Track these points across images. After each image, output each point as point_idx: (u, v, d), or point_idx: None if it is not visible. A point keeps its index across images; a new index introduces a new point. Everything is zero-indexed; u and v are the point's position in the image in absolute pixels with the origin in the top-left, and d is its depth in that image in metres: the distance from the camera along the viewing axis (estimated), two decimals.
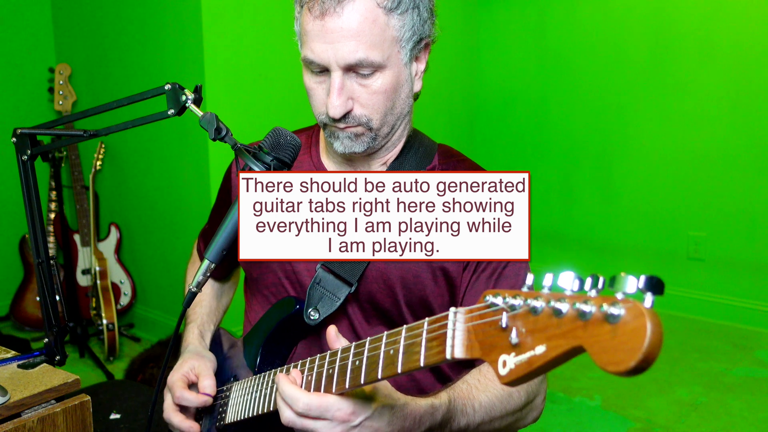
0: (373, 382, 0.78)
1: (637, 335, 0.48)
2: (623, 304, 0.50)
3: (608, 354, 0.50)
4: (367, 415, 0.84)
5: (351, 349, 0.83)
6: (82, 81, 3.45)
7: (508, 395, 1.01)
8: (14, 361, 1.04)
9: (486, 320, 0.63)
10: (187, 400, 1.13)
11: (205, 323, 1.34)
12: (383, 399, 0.87)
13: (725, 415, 2.54)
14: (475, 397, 0.98)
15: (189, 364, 1.19)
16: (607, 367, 0.50)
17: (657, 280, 0.51)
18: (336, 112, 1.01)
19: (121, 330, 3.29)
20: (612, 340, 0.50)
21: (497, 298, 0.62)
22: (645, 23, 3.58)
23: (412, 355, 0.72)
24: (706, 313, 3.52)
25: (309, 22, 1.00)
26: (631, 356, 0.48)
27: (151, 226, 3.31)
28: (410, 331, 0.74)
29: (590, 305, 0.52)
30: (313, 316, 1.10)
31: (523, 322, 0.58)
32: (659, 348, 0.48)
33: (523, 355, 0.57)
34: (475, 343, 0.64)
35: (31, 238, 1.05)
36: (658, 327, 0.48)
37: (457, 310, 0.67)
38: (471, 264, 1.09)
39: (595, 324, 0.51)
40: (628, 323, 0.49)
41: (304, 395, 0.85)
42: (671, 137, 3.56)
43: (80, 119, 1.10)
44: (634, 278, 0.51)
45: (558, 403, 2.65)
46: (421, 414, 0.89)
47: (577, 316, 0.53)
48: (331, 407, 0.83)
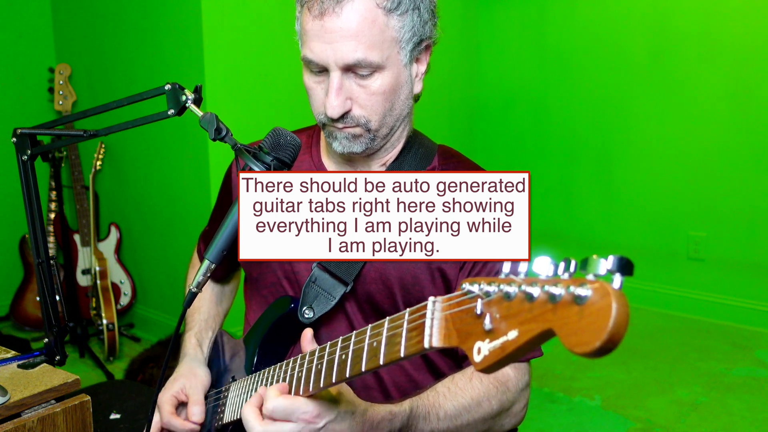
0: (358, 375, 0.78)
1: (602, 315, 0.48)
2: (590, 285, 0.50)
3: (575, 336, 0.49)
4: (330, 418, 0.86)
5: (338, 343, 0.84)
6: (82, 81, 3.45)
7: (477, 404, 1.01)
8: (14, 361, 1.04)
9: (462, 308, 0.63)
10: (174, 426, 1.15)
11: (202, 330, 1.33)
12: (346, 404, 0.89)
13: (725, 415, 2.54)
14: (441, 405, 0.99)
15: (180, 384, 1.19)
16: (574, 348, 0.49)
17: (626, 261, 0.51)
18: (334, 112, 1.01)
19: (121, 330, 3.29)
20: (579, 322, 0.49)
21: (473, 286, 0.62)
22: (645, 23, 3.58)
23: (393, 346, 0.72)
24: (706, 313, 3.52)
25: (308, 21, 1.00)
26: (596, 336, 0.48)
27: (151, 226, 3.31)
28: (392, 323, 0.74)
29: (560, 288, 0.52)
30: (308, 314, 1.10)
31: (497, 308, 0.58)
32: (625, 328, 0.48)
33: (496, 340, 0.57)
34: (452, 331, 0.64)
35: (31, 238, 1.05)
36: (624, 307, 0.48)
37: (435, 299, 0.67)
38: (466, 266, 1.09)
39: (564, 306, 0.51)
40: (595, 304, 0.49)
41: (271, 399, 0.86)
42: (671, 137, 3.56)
43: (80, 119, 1.10)
44: (604, 260, 0.51)
45: (558, 403, 2.65)
46: (379, 420, 0.91)
47: (547, 299, 0.53)
48: (296, 410, 0.85)
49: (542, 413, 2.56)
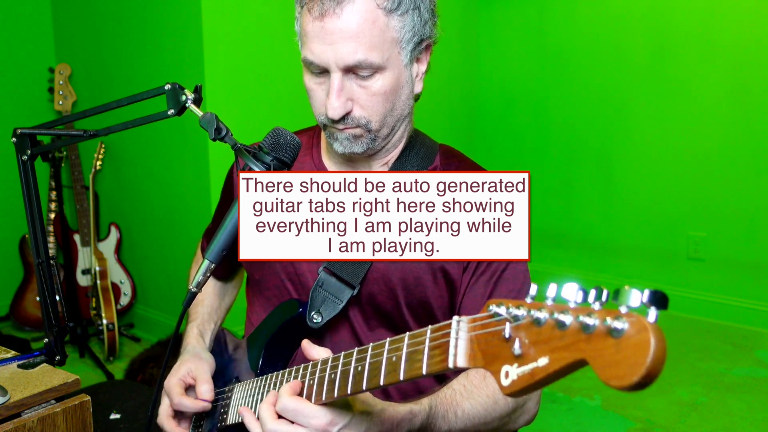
0: (375, 388, 0.77)
1: (640, 350, 0.48)
2: (627, 318, 0.50)
3: (611, 368, 0.49)
4: (344, 423, 0.84)
5: (353, 354, 0.82)
6: (82, 81, 3.45)
7: (494, 402, 1.00)
8: (14, 361, 1.04)
9: (489, 330, 0.62)
10: (185, 406, 1.13)
11: (205, 322, 1.33)
12: (360, 405, 0.87)
13: (725, 415, 2.54)
14: (458, 404, 0.98)
15: (186, 367, 1.19)
16: (610, 381, 0.49)
17: (661, 295, 0.50)
18: (335, 113, 1.01)
19: (121, 330, 3.29)
20: (615, 355, 0.49)
21: (501, 308, 0.61)
22: (645, 23, 3.58)
23: (414, 362, 0.71)
24: (706, 313, 3.52)
25: (309, 22, 1.00)
26: (634, 371, 0.48)
27: (151, 226, 3.31)
28: (413, 339, 0.73)
29: (594, 318, 0.52)
30: (316, 319, 1.10)
31: (527, 333, 0.57)
32: (663, 363, 0.48)
33: (525, 366, 0.56)
34: (477, 353, 0.63)
35: (31, 238, 1.05)
36: (662, 342, 0.48)
37: (460, 318, 0.67)
38: (471, 266, 1.08)
39: (599, 337, 0.51)
40: (632, 338, 0.49)
41: (283, 397, 0.86)
42: (671, 137, 3.56)
43: (80, 119, 1.10)
44: (638, 292, 0.51)
45: (558, 403, 2.65)
46: (399, 419, 0.89)
47: (580, 328, 0.53)
48: (308, 414, 0.84)
49: (542, 413, 2.55)
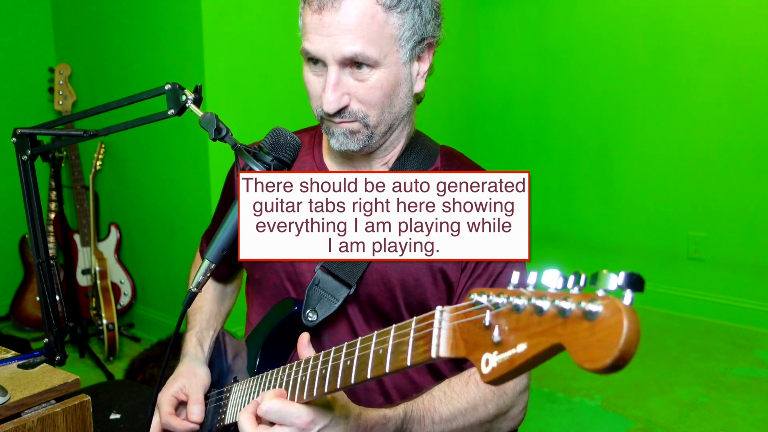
0: (363, 382, 0.78)
1: (614, 332, 0.48)
2: (601, 301, 0.50)
3: (586, 351, 0.49)
4: (325, 424, 0.86)
5: (343, 349, 0.83)
6: (82, 81, 3.45)
7: (473, 408, 1.01)
8: (14, 361, 1.04)
9: (470, 318, 0.62)
10: (173, 427, 1.14)
11: (203, 329, 1.33)
12: (340, 408, 0.88)
13: (725, 415, 2.54)
14: (436, 409, 0.99)
15: (179, 383, 1.19)
16: (584, 364, 0.49)
17: (637, 277, 0.50)
18: (330, 107, 1.01)
19: (121, 330, 3.29)
20: (590, 337, 0.49)
21: (482, 297, 0.61)
22: (645, 23, 3.58)
23: (399, 354, 0.72)
24: (706, 313, 3.52)
25: (308, 15, 1.01)
26: (607, 353, 0.48)
27: (151, 226, 3.31)
28: (399, 330, 0.74)
29: (570, 302, 0.52)
30: (311, 317, 1.10)
31: (506, 320, 0.57)
32: (636, 345, 0.48)
33: (505, 353, 0.57)
34: (460, 342, 0.64)
35: (31, 238, 1.05)
36: (635, 324, 0.48)
37: (443, 309, 0.67)
38: (468, 267, 1.08)
39: (574, 321, 0.51)
40: (606, 320, 0.49)
41: (266, 400, 0.86)
42: (671, 137, 3.56)
43: (80, 119, 1.10)
44: (615, 275, 0.51)
45: (558, 403, 2.65)
46: (373, 424, 0.91)
47: (557, 313, 0.53)
48: (292, 413, 0.85)
49: (542, 413, 2.56)
